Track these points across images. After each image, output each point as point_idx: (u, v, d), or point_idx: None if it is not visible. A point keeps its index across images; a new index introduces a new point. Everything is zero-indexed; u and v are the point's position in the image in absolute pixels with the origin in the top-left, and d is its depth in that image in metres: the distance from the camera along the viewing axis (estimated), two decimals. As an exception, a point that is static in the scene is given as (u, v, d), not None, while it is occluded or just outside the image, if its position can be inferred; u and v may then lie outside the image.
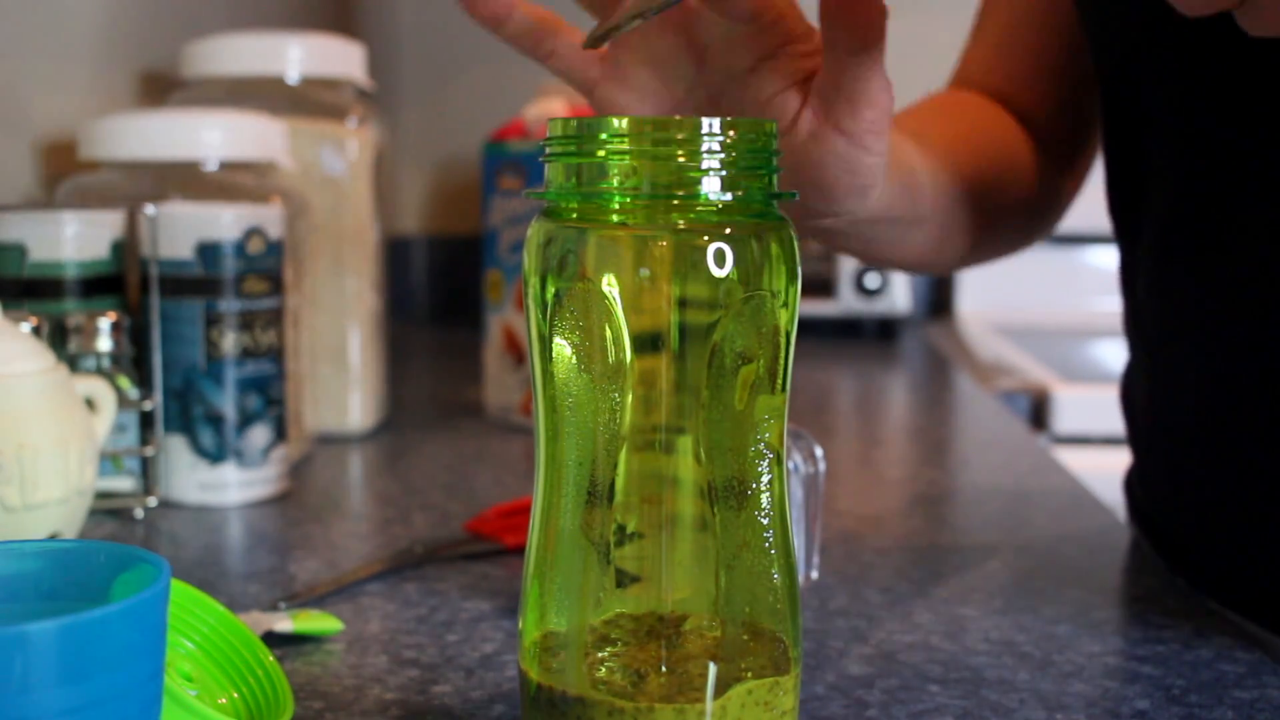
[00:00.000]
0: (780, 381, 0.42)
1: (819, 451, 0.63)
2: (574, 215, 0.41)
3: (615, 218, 0.40)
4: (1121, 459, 0.79)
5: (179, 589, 0.49)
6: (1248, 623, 0.63)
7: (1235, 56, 0.59)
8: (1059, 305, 1.91)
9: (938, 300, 1.99)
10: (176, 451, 0.79)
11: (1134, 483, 0.76)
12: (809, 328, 1.65)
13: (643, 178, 0.40)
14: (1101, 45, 0.69)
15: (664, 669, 0.41)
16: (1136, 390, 0.72)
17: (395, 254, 1.41)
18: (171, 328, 0.79)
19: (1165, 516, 0.70)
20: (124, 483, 0.79)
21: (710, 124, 0.40)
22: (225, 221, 0.78)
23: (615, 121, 0.40)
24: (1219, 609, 0.64)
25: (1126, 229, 0.72)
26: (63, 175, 0.93)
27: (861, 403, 1.37)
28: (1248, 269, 0.60)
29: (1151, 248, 0.67)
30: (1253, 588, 0.63)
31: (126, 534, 0.74)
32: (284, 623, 0.56)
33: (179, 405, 0.79)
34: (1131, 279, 0.71)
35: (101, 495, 0.77)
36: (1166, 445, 0.69)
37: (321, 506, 0.82)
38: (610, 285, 0.40)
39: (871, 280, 1.69)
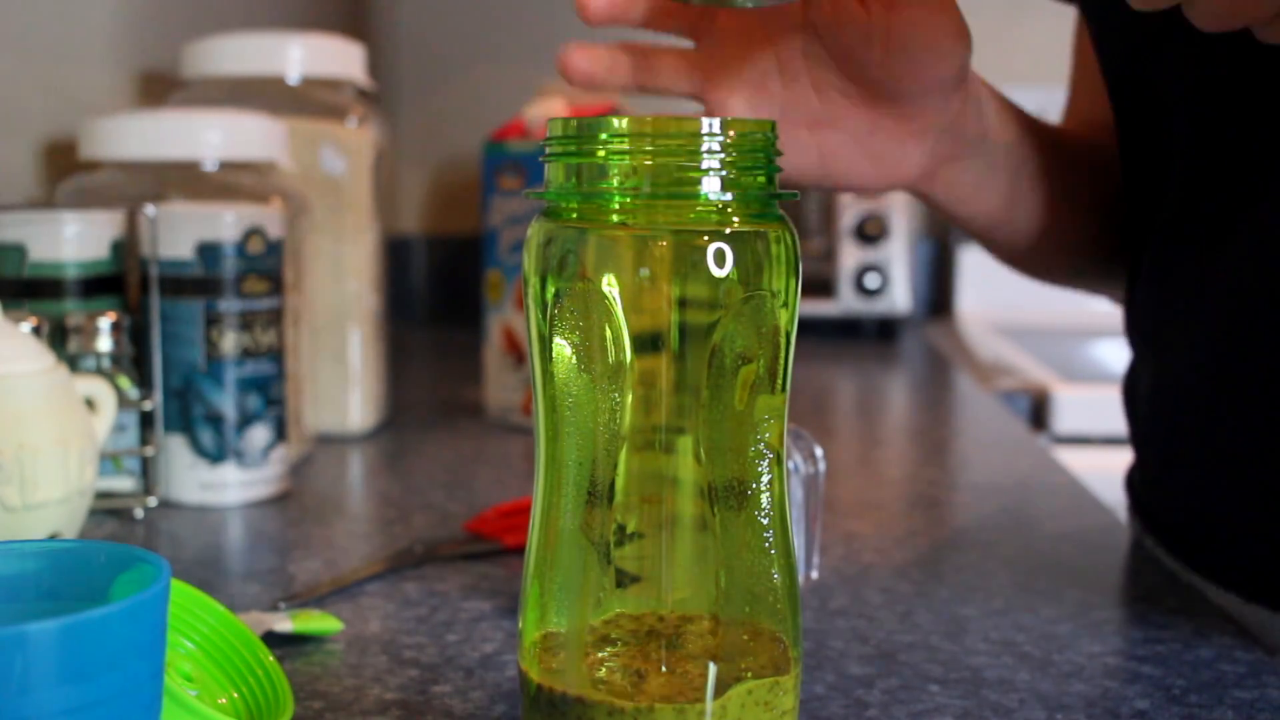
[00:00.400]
0: (780, 381, 0.42)
1: (819, 451, 0.63)
2: (574, 215, 0.41)
3: (615, 218, 0.40)
4: (1122, 458, 0.79)
5: (179, 589, 0.49)
6: (1256, 608, 0.63)
7: (1244, 51, 0.59)
8: (1059, 305, 1.90)
9: (938, 300, 1.99)
10: (176, 451, 0.79)
11: (1135, 479, 0.76)
12: (809, 328, 1.65)
13: (643, 178, 0.40)
14: (1109, 48, 0.70)
15: (664, 669, 0.41)
16: (1139, 386, 0.73)
17: (395, 254, 1.41)
18: (171, 328, 0.79)
19: (1167, 509, 0.70)
20: (124, 483, 0.79)
21: (710, 124, 0.40)
22: (225, 221, 0.78)
23: (615, 121, 0.40)
24: (1223, 595, 0.64)
25: (1129, 227, 0.72)
26: (63, 175, 0.93)
27: (861, 403, 1.37)
28: (1250, 262, 0.61)
29: (1155, 244, 0.68)
30: (1258, 572, 0.63)
31: (126, 534, 0.74)
32: (284, 623, 0.56)
33: (179, 405, 0.79)
34: (1133, 275, 0.72)
35: (101, 495, 0.77)
36: (1168, 438, 0.69)
37: (321, 506, 0.82)
38: (610, 285, 0.40)
39: (871, 280, 1.69)
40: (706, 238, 0.39)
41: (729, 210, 0.40)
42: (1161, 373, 0.69)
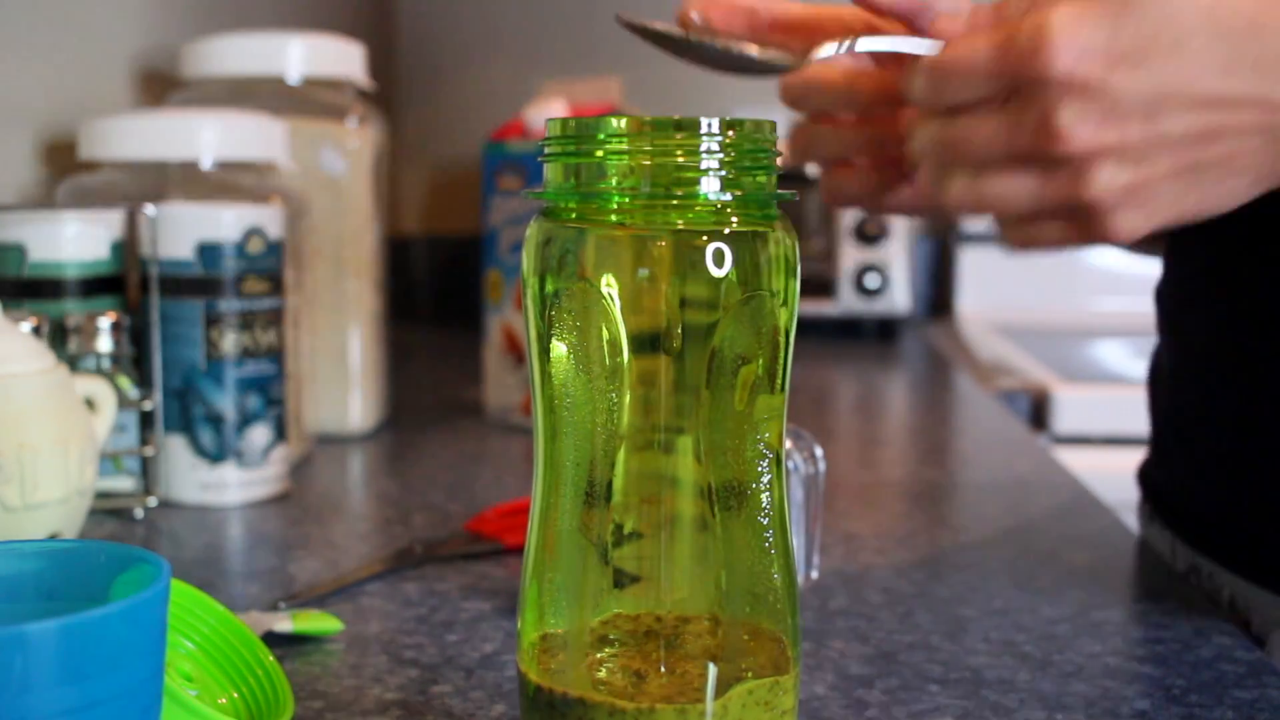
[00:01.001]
0: (780, 381, 0.42)
1: (819, 451, 0.63)
2: (573, 215, 0.41)
3: (614, 218, 0.40)
4: (1121, 458, 0.79)
5: (179, 589, 0.49)
6: (1261, 592, 0.63)
7: None
8: (1059, 305, 1.91)
9: (938, 300, 1.99)
10: (176, 451, 0.79)
11: (1149, 467, 0.76)
12: (809, 328, 1.65)
13: (641, 178, 0.40)
14: None
15: (664, 669, 0.41)
16: (1162, 368, 0.73)
17: (395, 254, 1.41)
18: (171, 328, 0.79)
19: (1179, 491, 0.71)
20: (124, 483, 0.79)
21: (709, 124, 0.40)
22: (225, 221, 0.78)
23: (614, 121, 0.40)
24: (1247, 585, 0.65)
25: None
26: (63, 175, 0.93)
27: (861, 403, 1.37)
28: (1264, 243, 0.61)
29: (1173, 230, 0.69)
30: (1266, 555, 0.63)
31: (126, 534, 0.74)
32: (284, 623, 0.56)
33: (179, 405, 0.79)
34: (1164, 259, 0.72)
35: (101, 495, 0.77)
36: (1183, 418, 0.70)
37: (321, 506, 0.82)
38: (609, 285, 0.40)
39: (871, 280, 1.69)
40: (705, 238, 0.39)
41: (728, 210, 0.40)
42: (1180, 355, 0.69)
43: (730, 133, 0.40)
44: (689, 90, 1.84)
